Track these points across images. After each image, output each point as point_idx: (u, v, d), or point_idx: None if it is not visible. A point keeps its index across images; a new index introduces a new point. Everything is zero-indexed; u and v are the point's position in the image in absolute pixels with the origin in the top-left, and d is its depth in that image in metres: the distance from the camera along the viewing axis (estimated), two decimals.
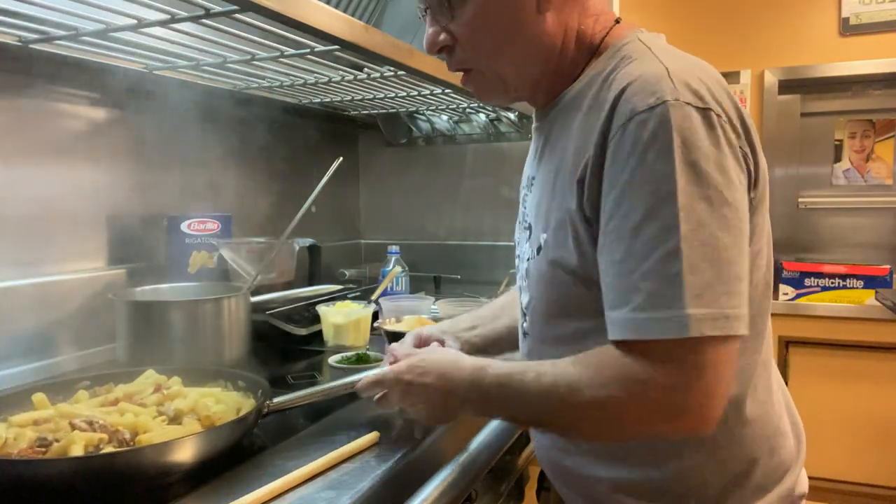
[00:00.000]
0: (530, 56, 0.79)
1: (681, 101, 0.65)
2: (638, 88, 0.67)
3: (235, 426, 0.78)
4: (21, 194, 1.21)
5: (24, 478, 0.67)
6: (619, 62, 0.74)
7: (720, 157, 0.65)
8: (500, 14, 0.76)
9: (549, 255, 0.77)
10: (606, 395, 0.66)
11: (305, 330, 1.40)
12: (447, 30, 0.79)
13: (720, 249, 0.64)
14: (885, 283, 2.76)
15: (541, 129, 0.87)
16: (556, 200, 0.77)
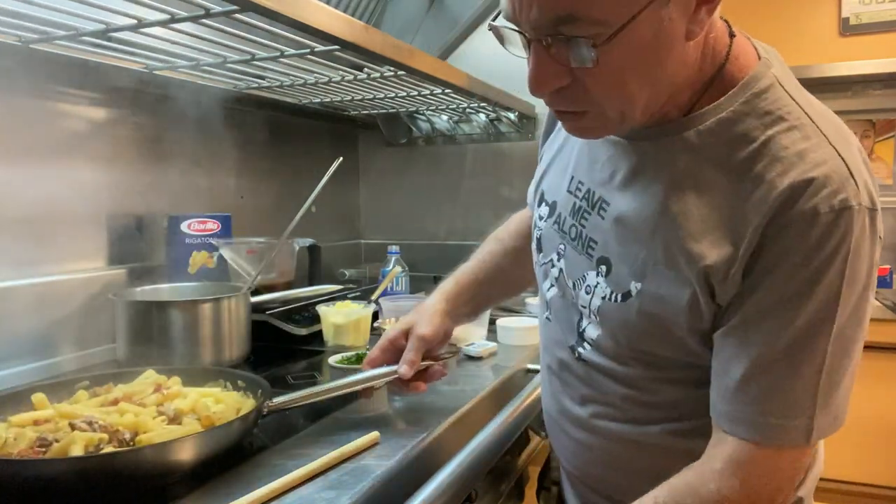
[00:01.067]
0: (663, 88, 0.66)
1: (863, 206, 0.61)
2: (822, 184, 0.60)
3: (235, 426, 0.78)
4: (21, 194, 1.21)
5: (24, 478, 0.67)
6: (767, 121, 0.65)
7: (873, 259, 0.64)
8: (650, 49, 0.61)
9: (648, 308, 0.71)
10: None
11: (305, 330, 1.40)
12: (572, 71, 0.62)
13: (854, 356, 0.64)
14: (885, 283, 2.76)
15: (620, 147, 0.75)
16: (658, 253, 0.69)
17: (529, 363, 1.31)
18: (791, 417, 0.63)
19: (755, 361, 0.64)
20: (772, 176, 0.62)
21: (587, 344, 0.80)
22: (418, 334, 0.97)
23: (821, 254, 0.60)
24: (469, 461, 0.91)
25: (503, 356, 1.36)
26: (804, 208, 0.60)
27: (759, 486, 0.65)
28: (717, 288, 0.65)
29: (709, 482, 0.65)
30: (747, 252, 0.63)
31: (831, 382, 0.63)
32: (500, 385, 1.18)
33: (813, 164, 0.61)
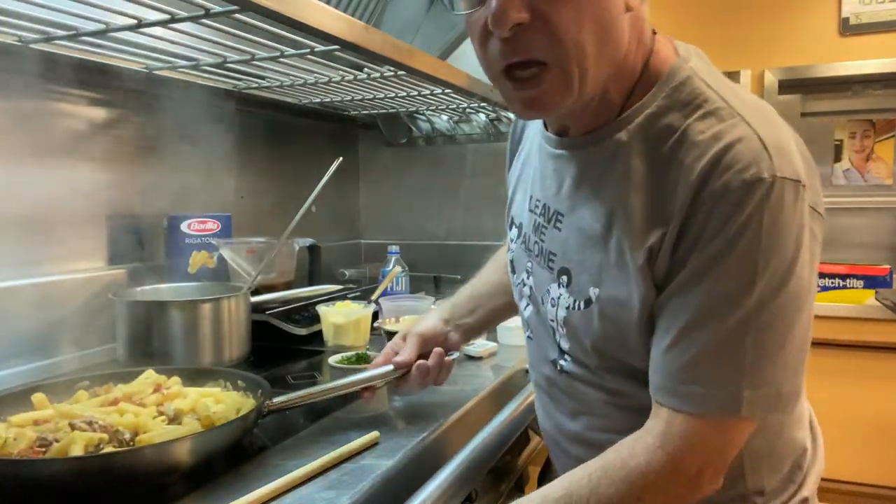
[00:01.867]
0: (609, 57, 0.67)
1: (779, 177, 0.63)
2: (732, 160, 0.63)
3: (235, 426, 0.78)
4: (21, 194, 1.21)
5: (25, 478, 0.67)
6: (686, 111, 0.68)
7: (801, 233, 0.64)
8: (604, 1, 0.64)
9: (607, 311, 0.73)
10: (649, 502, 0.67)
11: (305, 330, 1.40)
12: (531, 5, 0.63)
13: (788, 328, 0.65)
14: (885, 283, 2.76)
15: (563, 159, 0.79)
16: (611, 255, 0.72)
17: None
18: (716, 386, 0.65)
19: (679, 332, 0.66)
20: (690, 160, 0.65)
21: (567, 356, 0.82)
22: (414, 332, 1.01)
23: (733, 226, 0.62)
24: (469, 461, 0.91)
25: (503, 356, 1.36)
26: (716, 185, 0.63)
27: (685, 458, 0.66)
28: (655, 272, 0.68)
29: (639, 454, 0.67)
30: (673, 233, 0.66)
31: (760, 354, 0.64)
32: (500, 385, 1.18)
33: (726, 143, 0.64)
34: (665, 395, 0.68)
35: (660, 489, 0.67)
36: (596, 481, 0.67)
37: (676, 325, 0.67)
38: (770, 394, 0.66)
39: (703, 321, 0.65)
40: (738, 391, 0.64)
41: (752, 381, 0.64)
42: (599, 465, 0.69)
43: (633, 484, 0.66)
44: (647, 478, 0.66)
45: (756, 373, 0.64)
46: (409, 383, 0.97)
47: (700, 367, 0.65)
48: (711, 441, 0.67)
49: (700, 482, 0.67)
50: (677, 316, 0.67)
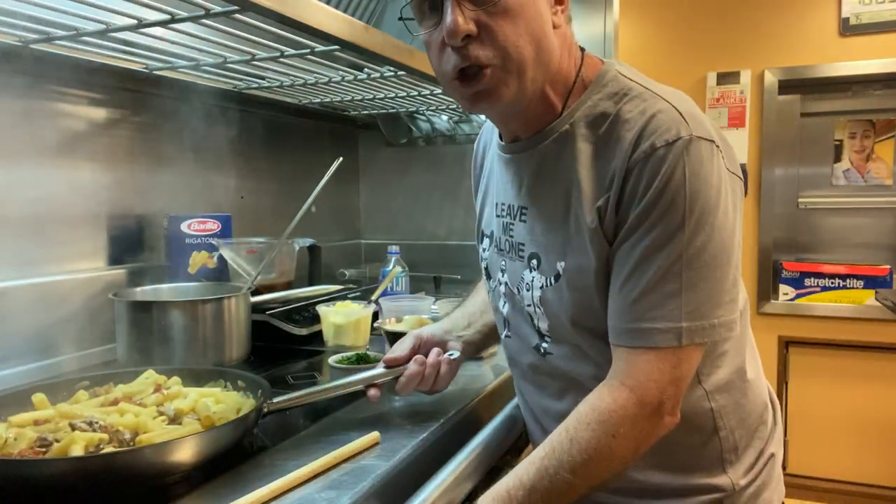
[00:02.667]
0: (545, 62, 0.80)
1: (694, 135, 0.74)
2: (655, 126, 0.75)
3: (236, 426, 0.78)
4: (21, 194, 1.21)
5: (25, 478, 0.67)
6: (616, 98, 0.80)
7: (720, 184, 0.75)
8: (533, 9, 0.77)
9: (573, 281, 0.82)
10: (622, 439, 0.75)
11: (305, 330, 1.40)
12: (477, 18, 0.76)
13: (715, 269, 0.75)
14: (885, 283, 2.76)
15: (520, 161, 0.89)
16: (571, 228, 0.81)
17: None
18: (659, 320, 0.75)
19: (625, 277, 0.77)
20: (623, 132, 0.77)
21: (547, 337, 0.90)
22: (412, 333, 1.05)
23: (662, 179, 0.73)
24: (469, 461, 0.91)
25: (503, 356, 1.36)
26: (645, 146, 0.75)
27: (645, 388, 0.75)
28: (605, 229, 0.78)
29: (605, 396, 0.77)
30: (615, 194, 0.77)
31: (694, 289, 0.74)
32: (500, 385, 1.18)
33: (650, 114, 0.76)
34: (619, 335, 0.78)
35: (630, 422, 0.75)
36: (573, 430, 0.76)
37: (624, 271, 0.77)
38: (705, 325, 0.75)
39: (644, 264, 0.75)
40: (678, 325, 0.74)
41: (689, 315, 0.74)
42: (573, 418, 0.78)
43: (605, 422, 0.75)
44: (617, 413, 0.75)
45: (691, 307, 0.74)
46: (406, 379, 0.98)
47: (644, 305, 0.75)
48: (665, 371, 0.76)
49: (661, 413, 0.76)
50: (624, 264, 0.77)
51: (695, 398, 0.84)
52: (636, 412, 0.75)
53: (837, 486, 2.85)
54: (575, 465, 0.75)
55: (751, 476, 0.88)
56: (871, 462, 2.80)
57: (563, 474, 0.74)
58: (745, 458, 0.88)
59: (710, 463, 0.87)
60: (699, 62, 3.00)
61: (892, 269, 2.78)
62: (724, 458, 0.87)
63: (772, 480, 0.91)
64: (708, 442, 0.86)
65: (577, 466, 0.74)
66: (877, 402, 2.79)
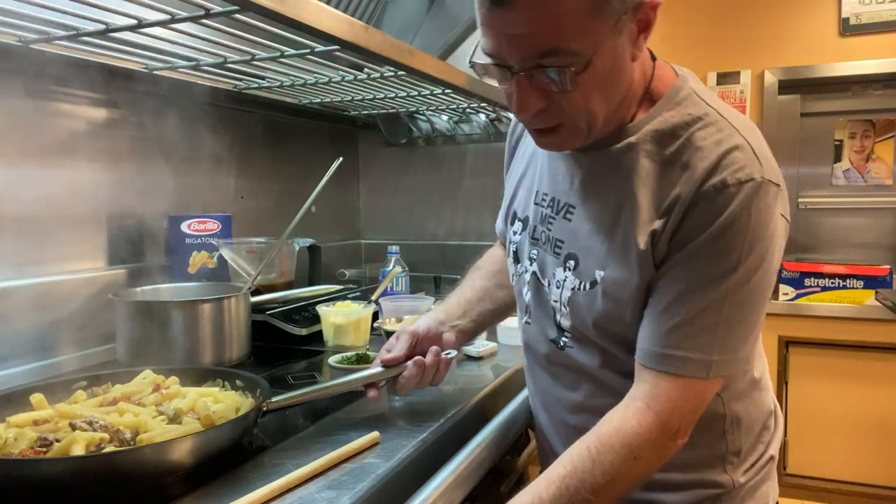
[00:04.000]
0: (617, 102, 0.80)
1: (765, 179, 0.75)
2: (730, 162, 0.74)
3: (235, 425, 0.78)
4: (21, 194, 1.21)
5: (25, 477, 0.67)
6: (689, 120, 0.79)
7: (776, 230, 0.77)
8: (611, 71, 0.75)
9: (610, 292, 0.82)
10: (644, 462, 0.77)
11: (305, 330, 1.40)
12: (548, 93, 0.75)
13: (755, 308, 0.77)
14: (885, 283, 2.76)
15: (575, 159, 0.88)
16: (617, 240, 0.81)
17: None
18: (692, 350, 0.76)
19: (668, 303, 0.77)
20: (694, 161, 0.76)
21: (566, 333, 0.90)
22: (406, 330, 1.04)
23: (727, 217, 0.73)
24: (469, 461, 0.91)
25: (503, 356, 1.36)
26: (715, 181, 0.74)
27: (670, 415, 0.77)
28: (655, 255, 0.78)
29: (630, 418, 0.77)
30: (675, 221, 0.76)
31: (729, 326, 0.76)
32: (500, 385, 1.18)
33: (725, 148, 0.76)
34: (649, 358, 0.78)
35: (651, 446, 0.76)
36: (595, 451, 0.76)
37: (666, 297, 0.77)
38: (732, 359, 0.78)
39: (689, 295, 0.76)
40: (709, 356, 0.76)
41: (720, 349, 0.76)
42: (595, 437, 0.78)
43: (629, 446, 0.76)
44: (641, 437, 0.76)
45: (725, 342, 0.76)
46: (405, 380, 0.97)
47: (681, 333, 0.76)
48: (689, 400, 0.78)
49: (677, 437, 0.78)
50: (668, 290, 0.77)
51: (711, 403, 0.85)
52: (659, 435, 0.76)
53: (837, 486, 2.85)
54: (597, 485, 0.75)
55: (750, 474, 0.90)
56: (871, 462, 2.80)
57: (583, 494, 0.75)
58: (747, 460, 0.90)
59: (713, 462, 0.88)
60: (699, 62, 3.00)
61: (892, 269, 2.78)
62: (727, 458, 0.89)
63: (768, 479, 0.94)
64: (714, 444, 0.88)
65: (598, 487, 0.75)
66: (877, 402, 2.79)
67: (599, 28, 0.70)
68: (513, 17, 0.69)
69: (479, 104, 1.93)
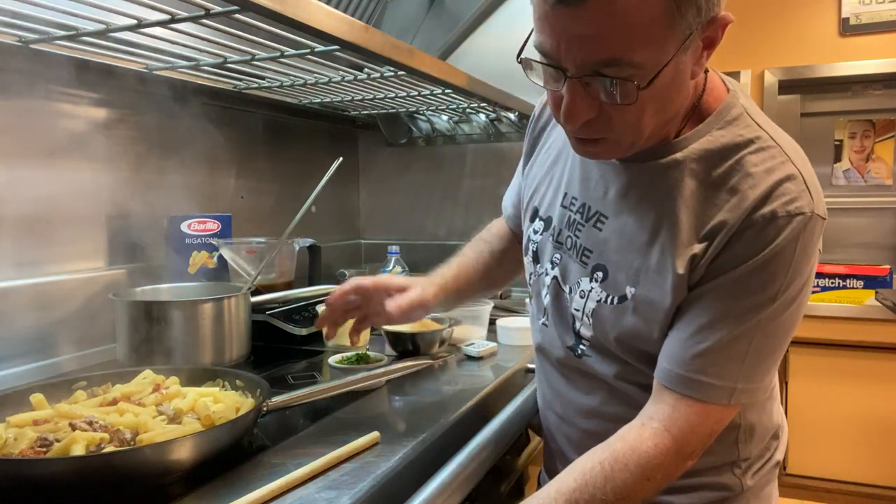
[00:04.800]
0: (669, 119, 0.77)
1: (815, 214, 0.73)
2: (782, 193, 0.73)
3: (235, 425, 0.78)
4: (21, 194, 1.21)
5: (25, 477, 0.67)
6: (741, 143, 0.76)
7: (815, 261, 0.76)
8: (668, 89, 0.71)
9: (640, 310, 0.81)
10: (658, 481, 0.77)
11: (305, 330, 1.40)
12: (600, 104, 0.71)
13: (782, 338, 0.77)
14: (885, 283, 2.76)
15: (612, 167, 0.85)
16: (652, 259, 0.79)
17: (529, 363, 1.31)
18: (719, 378, 0.75)
19: (698, 328, 0.76)
20: (744, 188, 0.74)
21: (584, 342, 0.89)
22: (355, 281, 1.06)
23: (773, 248, 0.72)
24: (469, 461, 0.91)
25: (503, 356, 1.36)
26: (765, 212, 0.72)
27: (687, 439, 0.76)
28: (691, 277, 0.77)
29: (647, 439, 0.76)
30: (718, 247, 0.74)
31: (757, 357, 0.76)
32: (500, 385, 1.18)
33: (778, 178, 0.73)
34: (673, 380, 0.77)
35: (665, 468, 0.76)
36: (609, 468, 0.75)
37: (697, 322, 0.76)
38: (754, 388, 0.78)
39: (722, 323, 0.74)
40: (734, 385, 0.76)
41: (746, 378, 0.76)
42: (609, 454, 0.76)
43: (644, 467, 0.75)
44: (656, 459, 0.75)
45: (750, 371, 0.76)
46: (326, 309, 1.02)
47: (708, 360, 0.75)
48: (708, 425, 0.77)
49: (690, 459, 0.78)
50: (700, 314, 0.76)
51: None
52: (673, 458, 0.76)
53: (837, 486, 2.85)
54: (607, 503, 0.74)
55: (756, 478, 0.90)
56: (871, 462, 2.80)
57: None
58: (755, 465, 0.91)
59: (723, 468, 0.89)
60: None
61: (892, 269, 2.78)
62: (737, 464, 0.89)
63: (772, 480, 0.95)
64: (727, 452, 0.88)
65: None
66: (877, 402, 2.79)
67: (669, 42, 0.65)
68: (581, 16, 0.63)
69: (479, 104, 1.93)
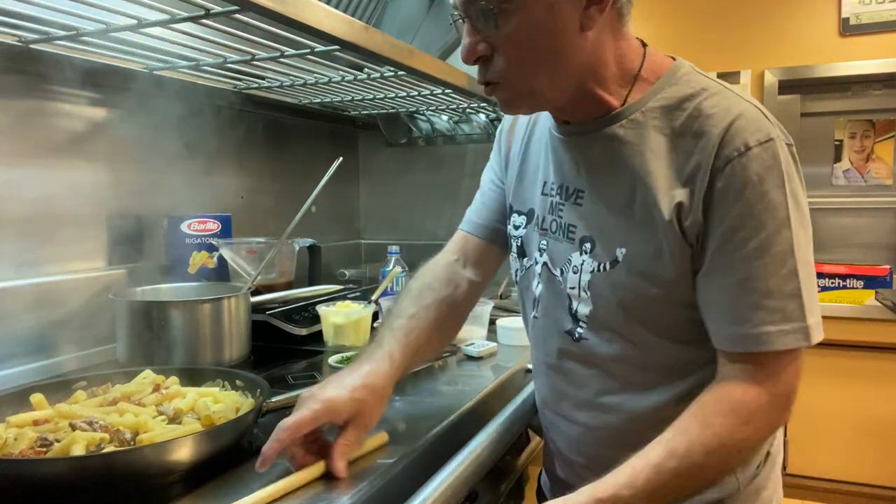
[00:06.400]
0: (567, 73, 0.79)
1: (782, 138, 0.76)
2: (745, 125, 0.74)
3: (235, 425, 0.78)
4: (21, 194, 1.21)
5: (25, 477, 0.67)
6: (694, 92, 0.79)
7: (801, 186, 0.77)
8: (545, 29, 0.76)
9: (636, 268, 0.81)
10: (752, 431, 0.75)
11: (305, 330, 1.40)
12: (487, 41, 0.78)
13: (812, 266, 0.76)
14: (885, 283, 2.76)
15: (580, 144, 0.87)
16: (636, 216, 0.80)
17: (529, 363, 1.31)
18: (785, 322, 0.73)
19: (738, 283, 0.75)
20: (708, 128, 0.76)
21: (582, 323, 0.88)
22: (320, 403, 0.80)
23: (760, 180, 0.73)
24: (469, 461, 0.91)
25: (503, 356, 1.36)
26: (738, 144, 0.74)
27: (776, 381, 0.75)
28: (686, 225, 0.77)
29: (734, 390, 0.75)
30: (701, 190, 0.75)
31: (807, 284, 0.74)
32: (500, 385, 1.18)
33: (737, 113, 0.76)
34: (737, 341, 0.75)
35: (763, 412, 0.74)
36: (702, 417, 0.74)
37: (734, 276, 0.75)
38: (818, 322, 0.75)
39: (758, 267, 0.73)
40: (805, 325, 0.74)
41: (811, 310, 0.74)
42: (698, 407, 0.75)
43: (738, 412, 0.73)
44: (750, 405, 0.74)
45: (810, 302, 0.74)
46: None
47: (769, 308, 0.73)
48: (791, 368, 0.75)
49: (789, 404, 0.76)
50: (731, 268, 0.75)
51: None
52: (768, 402, 0.74)
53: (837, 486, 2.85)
54: (710, 448, 0.73)
55: (753, 478, 0.89)
56: (871, 462, 2.80)
57: (693, 457, 0.72)
58: (752, 463, 0.89)
59: None
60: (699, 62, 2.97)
61: (892, 269, 2.78)
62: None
63: (770, 481, 0.93)
64: None
65: (711, 450, 0.73)
66: (877, 402, 2.79)
67: None
68: None
69: (479, 104, 1.93)
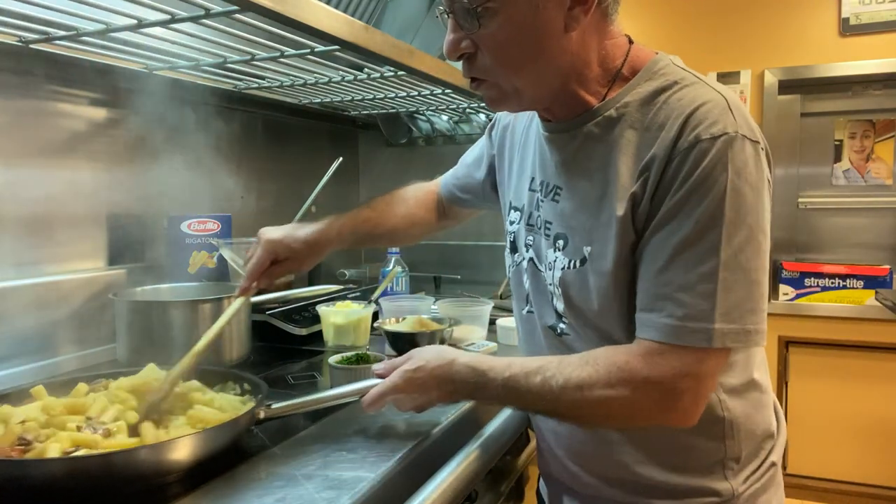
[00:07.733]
0: (551, 73, 0.80)
1: (740, 133, 0.73)
2: (702, 116, 0.73)
3: (233, 427, 0.78)
4: (21, 194, 1.21)
5: (20, 478, 0.67)
6: (667, 84, 0.79)
7: (761, 186, 0.74)
8: (528, 29, 0.76)
9: (598, 267, 0.81)
10: (616, 394, 0.75)
11: (305, 330, 1.40)
12: (471, 38, 0.78)
13: (751, 272, 0.73)
14: (885, 283, 2.76)
15: (560, 141, 0.88)
16: (603, 214, 0.80)
17: None
18: (694, 320, 0.72)
19: (657, 270, 0.75)
20: (669, 121, 0.75)
21: (563, 318, 0.89)
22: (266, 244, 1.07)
23: (702, 172, 0.72)
24: (469, 461, 0.91)
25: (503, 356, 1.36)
26: (689, 138, 0.73)
27: (661, 370, 0.74)
28: (636, 215, 0.77)
29: (621, 353, 0.76)
30: (654, 181, 0.75)
31: (733, 291, 0.72)
32: None
33: (697, 104, 0.74)
34: (646, 328, 0.76)
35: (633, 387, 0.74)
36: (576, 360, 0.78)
37: (655, 265, 0.75)
38: (738, 330, 0.73)
39: (678, 260, 0.73)
40: (710, 325, 0.72)
41: (726, 315, 0.72)
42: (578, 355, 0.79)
43: (611, 372, 0.75)
44: (624, 371, 0.74)
45: (728, 306, 0.72)
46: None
47: (676, 302, 0.73)
48: (691, 365, 0.73)
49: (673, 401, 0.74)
50: (656, 257, 0.75)
51: (709, 404, 0.83)
52: (642, 381, 0.74)
53: (837, 486, 2.85)
54: (570, 384, 0.76)
55: (749, 482, 0.88)
56: (871, 462, 2.80)
57: (553, 383, 0.76)
58: (748, 467, 0.88)
59: (713, 468, 0.86)
60: (699, 62, 2.99)
61: (892, 269, 2.78)
62: (727, 464, 0.86)
63: (771, 486, 0.91)
64: (714, 448, 0.86)
65: (570, 387, 0.75)
66: (877, 402, 2.79)
67: None
68: None
69: (479, 104, 1.93)
